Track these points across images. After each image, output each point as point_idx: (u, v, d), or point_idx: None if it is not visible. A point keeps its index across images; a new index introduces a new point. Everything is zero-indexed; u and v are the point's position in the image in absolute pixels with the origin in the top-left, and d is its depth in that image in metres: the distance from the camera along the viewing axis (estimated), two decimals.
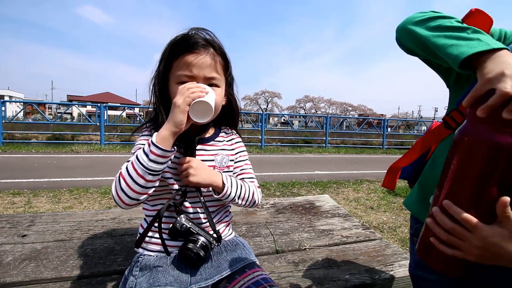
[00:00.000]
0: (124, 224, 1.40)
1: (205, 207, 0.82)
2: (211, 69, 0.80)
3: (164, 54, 0.82)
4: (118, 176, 0.72)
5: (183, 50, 0.79)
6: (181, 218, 0.78)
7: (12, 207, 2.89)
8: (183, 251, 0.77)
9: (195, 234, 0.78)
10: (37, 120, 16.26)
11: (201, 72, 0.79)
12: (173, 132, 0.72)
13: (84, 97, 47.34)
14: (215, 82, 0.82)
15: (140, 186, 0.71)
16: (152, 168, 0.70)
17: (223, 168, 0.89)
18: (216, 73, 0.82)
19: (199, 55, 0.78)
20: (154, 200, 0.85)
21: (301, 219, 1.57)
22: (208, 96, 0.74)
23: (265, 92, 48.71)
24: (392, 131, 14.28)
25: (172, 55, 0.81)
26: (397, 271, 1.09)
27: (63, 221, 1.40)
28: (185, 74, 0.78)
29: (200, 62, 0.78)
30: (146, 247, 0.84)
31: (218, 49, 0.83)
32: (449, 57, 0.57)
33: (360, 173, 5.61)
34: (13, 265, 1.01)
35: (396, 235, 2.49)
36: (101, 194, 3.41)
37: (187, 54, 0.78)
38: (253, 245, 1.24)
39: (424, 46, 0.65)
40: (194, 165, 0.79)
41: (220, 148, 0.91)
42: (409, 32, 0.68)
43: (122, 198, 0.71)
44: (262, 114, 10.12)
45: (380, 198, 3.67)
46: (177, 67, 0.80)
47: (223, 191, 0.82)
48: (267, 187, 4.07)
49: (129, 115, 25.34)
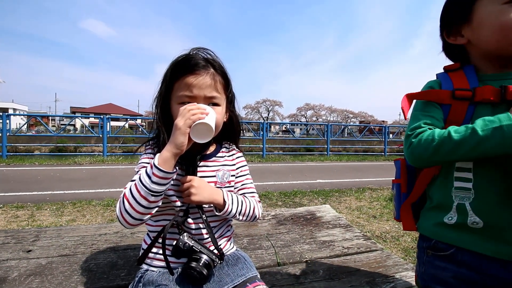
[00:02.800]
0: (127, 238, 1.42)
1: (207, 224, 0.83)
2: (211, 88, 0.83)
3: (166, 76, 0.85)
4: (122, 197, 0.74)
5: (184, 71, 0.81)
6: (183, 237, 0.79)
7: (15, 220, 2.91)
8: (186, 270, 0.78)
9: (198, 252, 0.79)
10: (40, 132, 16.40)
11: (201, 92, 0.81)
12: (174, 154, 0.74)
13: (87, 108, 47.90)
14: (215, 101, 0.84)
15: (143, 207, 0.73)
16: (154, 189, 0.73)
17: (225, 184, 0.91)
18: (216, 92, 0.84)
19: (199, 76, 0.81)
20: (157, 216, 0.87)
21: (302, 230, 1.57)
22: (209, 117, 0.77)
23: (266, 101, 49.02)
24: (393, 138, 14.28)
25: (173, 77, 0.83)
26: (398, 282, 1.10)
27: (67, 235, 1.42)
28: (185, 94, 0.81)
29: (201, 83, 0.81)
30: (150, 263, 0.86)
31: (218, 68, 0.86)
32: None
33: (362, 181, 5.59)
34: (19, 281, 1.03)
35: (399, 245, 2.48)
36: (103, 206, 3.42)
37: (187, 75, 0.81)
38: (254, 257, 1.25)
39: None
40: (196, 184, 0.81)
41: (221, 164, 0.93)
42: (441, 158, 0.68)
43: (126, 219, 0.74)
44: (263, 122, 10.19)
45: (382, 207, 3.66)
46: (178, 88, 0.83)
47: (224, 208, 0.84)
48: (269, 196, 4.07)
49: (132, 126, 25.55)
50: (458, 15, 0.76)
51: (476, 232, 0.69)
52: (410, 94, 0.80)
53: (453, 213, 0.72)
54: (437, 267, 0.75)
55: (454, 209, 0.71)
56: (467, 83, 0.73)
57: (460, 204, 0.70)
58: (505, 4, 0.67)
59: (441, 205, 0.75)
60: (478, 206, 0.68)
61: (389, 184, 1.03)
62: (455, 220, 0.71)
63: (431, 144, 0.67)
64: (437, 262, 0.76)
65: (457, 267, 0.71)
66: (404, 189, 0.90)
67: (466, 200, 0.70)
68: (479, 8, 0.71)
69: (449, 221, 0.72)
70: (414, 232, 2.67)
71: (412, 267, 1.23)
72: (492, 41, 0.70)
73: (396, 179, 0.94)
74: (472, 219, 0.68)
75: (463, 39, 0.77)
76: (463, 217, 0.70)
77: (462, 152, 0.63)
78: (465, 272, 0.70)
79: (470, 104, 0.71)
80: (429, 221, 0.79)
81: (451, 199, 0.72)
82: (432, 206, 0.79)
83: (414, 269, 1.21)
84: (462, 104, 0.71)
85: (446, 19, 0.80)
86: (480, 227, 0.68)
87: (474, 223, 0.68)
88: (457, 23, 0.77)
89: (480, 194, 0.68)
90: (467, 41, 0.77)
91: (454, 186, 0.72)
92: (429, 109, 0.76)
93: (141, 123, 14.69)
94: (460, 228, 0.71)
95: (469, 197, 0.69)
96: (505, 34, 0.67)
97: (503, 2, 0.67)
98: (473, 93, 0.70)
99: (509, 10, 0.66)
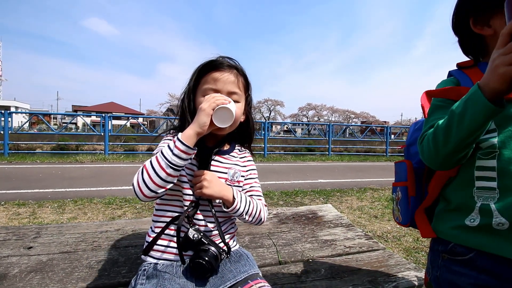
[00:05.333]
0: (128, 235, 1.42)
1: (216, 218, 0.87)
2: (234, 85, 0.91)
3: (194, 73, 0.93)
4: (142, 169, 0.78)
5: (211, 68, 0.90)
6: (192, 229, 0.82)
7: (17, 218, 2.91)
8: (195, 260, 0.80)
9: (206, 244, 0.82)
10: (42, 131, 16.46)
11: (225, 86, 0.89)
12: (197, 132, 0.79)
13: (88, 107, 47.87)
14: (236, 97, 0.91)
15: (160, 178, 0.76)
16: (174, 162, 0.77)
17: (234, 183, 0.94)
18: (237, 89, 0.92)
19: (224, 72, 0.90)
20: (164, 206, 0.90)
21: (304, 229, 1.57)
22: (231, 104, 0.84)
23: (267, 101, 48.95)
24: (395, 138, 14.23)
25: (201, 74, 0.92)
26: (400, 281, 1.09)
27: (68, 232, 1.41)
28: (210, 87, 0.89)
29: (225, 78, 0.89)
30: (153, 255, 0.87)
31: (240, 71, 0.95)
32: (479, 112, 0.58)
33: (364, 181, 5.57)
34: (19, 277, 1.03)
35: (401, 245, 2.46)
36: (105, 204, 3.43)
37: (213, 71, 0.89)
38: (256, 256, 1.25)
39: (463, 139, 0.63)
40: (208, 177, 0.85)
41: (233, 163, 0.96)
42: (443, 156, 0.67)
43: (142, 189, 0.76)
44: (265, 122, 10.21)
45: (384, 207, 3.64)
46: (205, 82, 0.90)
47: (232, 205, 0.86)
48: (270, 196, 4.06)
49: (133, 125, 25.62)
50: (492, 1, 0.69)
51: (501, 234, 0.65)
52: (430, 91, 0.78)
53: (475, 215, 0.68)
54: (454, 273, 0.72)
55: (477, 210, 0.68)
56: None
57: (483, 205, 0.67)
58: None
59: (461, 207, 0.72)
60: (504, 206, 0.65)
61: (391, 184, 1.01)
62: (478, 221, 0.67)
63: (429, 143, 0.68)
64: (454, 267, 0.72)
65: (478, 273, 0.68)
66: (412, 192, 0.87)
67: (490, 200, 0.66)
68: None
69: (471, 223, 0.69)
70: (415, 232, 2.66)
71: (415, 266, 1.22)
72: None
73: (399, 181, 0.91)
74: (497, 220, 0.65)
75: (490, 29, 0.72)
76: (487, 219, 0.66)
77: (453, 137, 0.62)
78: (486, 278, 0.67)
79: None
80: (447, 224, 0.75)
81: (473, 200, 0.69)
82: (450, 208, 0.75)
83: (416, 269, 1.20)
84: None
85: (475, 5, 0.73)
86: (505, 228, 0.65)
87: (500, 224, 0.65)
88: (489, 10, 0.71)
89: (506, 193, 0.65)
90: (493, 32, 0.72)
91: (476, 186, 0.69)
92: (440, 113, 0.73)
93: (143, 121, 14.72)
94: (483, 230, 0.67)
95: (494, 197, 0.66)
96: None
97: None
98: None
99: None
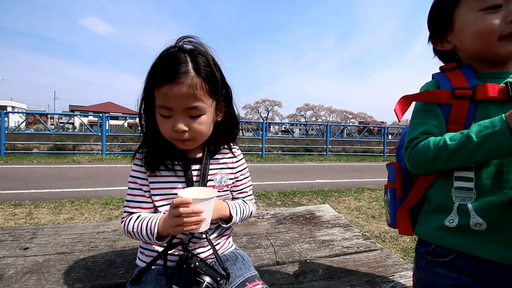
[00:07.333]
0: (125, 236, 1.41)
1: (212, 246, 0.84)
2: (191, 98, 0.74)
3: (147, 80, 0.78)
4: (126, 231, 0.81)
5: (161, 79, 0.73)
6: (188, 257, 0.77)
7: (13, 218, 2.89)
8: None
9: (202, 274, 0.75)
10: (39, 130, 16.35)
11: (179, 104, 0.74)
12: (172, 234, 0.77)
13: (86, 107, 47.68)
14: (196, 112, 0.76)
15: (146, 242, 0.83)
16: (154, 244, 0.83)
17: (222, 188, 0.90)
18: (197, 102, 0.75)
19: (175, 85, 0.72)
20: None
21: (302, 229, 1.57)
22: (205, 223, 0.73)
23: (265, 101, 49.05)
24: (393, 139, 14.27)
25: (152, 83, 0.76)
26: (398, 281, 1.09)
27: (64, 233, 1.40)
28: (163, 105, 0.75)
29: (177, 95, 0.72)
30: (147, 260, 0.85)
31: (202, 68, 0.75)
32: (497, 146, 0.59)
33: (361, 181, 5.59)
34: (15, 278, 1.02)
35: (398, 245, 2.47)
36: (101, 205, 3.41)
37: (164, 84, 0.73)
38: (253, 256, 1.24)
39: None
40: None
41: (219, 167, 0.90)
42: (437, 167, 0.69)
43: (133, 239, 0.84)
44: (262, 122, 10.18)
45: (381, 207, 3.65)
46: (157, 96, 0.76)
47: (230, 222, 0.87)
48: (268, 196, 4.06)
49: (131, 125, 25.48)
50: (441, 23, 0.79)
51: (480, 235, 0.65)
52: (408, 95, 0.79)
53: (454, 215, 0.68)
54: (436, 274, 0.72)
55: (455, 210, 0.68)
56: (466, 82, 0.72)
57: (461, 205, 0.67)
58: (480, 11, 0.70)
59: (441, 207, 0.72)
60: (481, 206, 0.65)
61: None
62: (457, 222, 0.67)
63: (428, 154, 0.67)
64: (436, 269, 0.72)
65: (458, 275, 0.68)
66: (399, 193, 0.87)
67: (468, 201, 0.67)
68: (458, 16, 0.75)
69: (450, 224, 0.68)
70: None
71: (412, 267, 1.22)
72: (474, 46, 0.73)
73: (389, 183, 0.91)
74: (475, 220, 0.65)
75: (449, 44, 0.80)
76: (465, 219, 0.66)
77: (459, 159, 0.64)
78: (466, 280, 0.67)
79: (471, 103, 0.70)
80: (428, 224, 0.75)
81: (451, 200, 0.69)
82: (431, 208, 0.75)
83: (413, 269, 1.21)
84: (463, 103, 0.70)
85: (431, 27, 0.83)
86: (483, 229, 0.64)
87: (477, 224, 0.65)
88: (441, 30, 0.80)
89: (482, 193, 0.66)
90: (453, 46, 0.80)
91: (454, 186, 0.69)
92: (426, 116, 0.74)
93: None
94: (462, 231, 0.67)
95: (471, 197, 0.66)
96: (483, 39, 0.70)
97: (478, 9, 0.70)
98: (473, 92, 0.69)
99: (483, 16, 0.69)
